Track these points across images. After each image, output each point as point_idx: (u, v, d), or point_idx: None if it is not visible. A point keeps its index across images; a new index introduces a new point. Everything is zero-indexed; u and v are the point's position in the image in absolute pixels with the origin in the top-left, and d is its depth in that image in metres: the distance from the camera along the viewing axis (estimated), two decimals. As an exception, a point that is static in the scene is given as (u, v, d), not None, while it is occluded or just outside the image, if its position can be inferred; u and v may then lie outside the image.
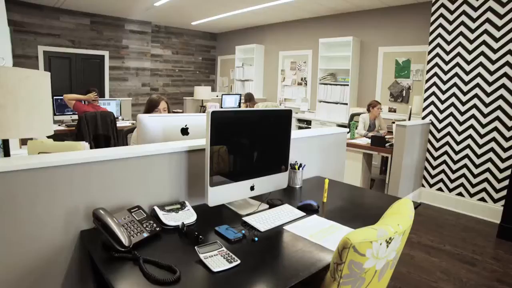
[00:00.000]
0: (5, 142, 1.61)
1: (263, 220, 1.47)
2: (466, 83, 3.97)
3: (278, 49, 8.16)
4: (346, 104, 6.42)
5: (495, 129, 3.79)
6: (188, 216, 1.44)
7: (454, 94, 4.07)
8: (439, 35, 4.14)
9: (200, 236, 1.26)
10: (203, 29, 9.52)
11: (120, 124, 5.27)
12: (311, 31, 7.31)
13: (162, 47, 9.08)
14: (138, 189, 1.47)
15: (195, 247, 1.16)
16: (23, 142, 3.29)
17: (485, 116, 3.85)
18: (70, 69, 7.28)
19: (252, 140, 1.65)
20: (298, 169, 2.04)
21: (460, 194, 4.12)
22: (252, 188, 1.66)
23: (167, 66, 9.27)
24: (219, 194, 1.51)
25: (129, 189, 1.44)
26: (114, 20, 7.78)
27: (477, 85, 3.88)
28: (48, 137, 1.80)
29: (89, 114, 4.33)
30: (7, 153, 1.60)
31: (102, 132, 4.42)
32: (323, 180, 1.89)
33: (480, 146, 3.92)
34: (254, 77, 8.47)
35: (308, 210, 1.64)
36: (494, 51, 3.74)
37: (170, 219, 1.39)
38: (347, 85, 6.41)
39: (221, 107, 7.04)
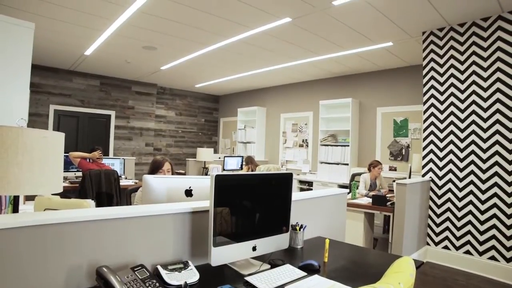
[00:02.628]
0: (16, 198, 1.65)
1: (265, 280, 1.46)
2: (462, 140, 4.08)
3: (279, 111, 8.46)
4: (347, 164, 6.51)
5: (496, 184, 3.81)
6: (191, 276, 1.43)
7: (451, 151, 4.16)
8: (432, 95, 4.34)
9: (202, 296, 1.25)
10: (206, 91, 9.97)
11: (123, 183, 5.31)
12: (312, 94, 7.64)
13: (166, 108, 9.43)
14: (142, 248, 1.48)
15: (197, 307, 1.15)
16: (27, 198, 3.31)
17: (484, 171, 3.90)
18: (78, 127, 7.54)
19: (254, 202, 1.71)
20: (299, 230, 2.06)
21: (468, 252, 4.01)
22: (254, 249, 1.67)
23: (170, 127, 9.55)
24: (222, 254, 1.53)
25: (133, 248, 1.45)
26: (122, 82, 8.22)
27: (473, 142, 3.99)
28: (53, 194, 1.84)
29: (93, 172, 4.40)
30: (15, 209, 1.63)
31: (105, 190, 4.45)
32: (324, 240, 1.90)
33: (482, 202, 3.90)
34: (256, 139, 8.67)
35: (310, 270, 1.63)
36: (484, 109, 3.92)
37: (173, 278, 1.38)
38: (348, 145, 6.55)
39: (223, 169, 7.16)
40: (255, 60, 6.28)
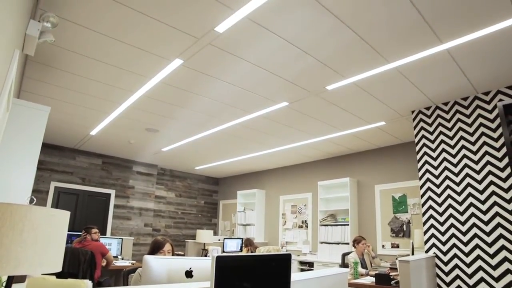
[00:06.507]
0: (10, 279, 1.56)
1: None
2: (461, 213, 4.06)
3: (278, 194, 8.52)
4: (348, 243, 6.35)
5: (506, 259, 3.66)
6: None
7: (452, 225, 4.11)
8: (427, 170, 4.46)
9: None
10: (206, 173, 10.13)
11: (120, 263, 5.13)
12: (310, 175, 7.78)
13: (166, 189, 9.48)
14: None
15: None
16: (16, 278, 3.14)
17: (490, 245, 3.79)
18: (76, 205, 7.47)
19: (254, 283, 1.71)
20: (300, 311, 1.99)
21: (486, 338, 3.70)
22: (254, 331, 1.62)
23: (170, 208, 9.48)
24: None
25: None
26: (123, 161, 8.40)
27: (473, 214, 3.97)
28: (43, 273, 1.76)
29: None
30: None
31: (67, 270, 4.00)
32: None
33: (496, 280, 3.70)
34: (255, 221, 8.62)
35: None
36: (479, 182, 3.99)
37: None
38: (347, 224, 6.48)
39: (223, 251, 7.04)
40: (253, 143, 6.54)
